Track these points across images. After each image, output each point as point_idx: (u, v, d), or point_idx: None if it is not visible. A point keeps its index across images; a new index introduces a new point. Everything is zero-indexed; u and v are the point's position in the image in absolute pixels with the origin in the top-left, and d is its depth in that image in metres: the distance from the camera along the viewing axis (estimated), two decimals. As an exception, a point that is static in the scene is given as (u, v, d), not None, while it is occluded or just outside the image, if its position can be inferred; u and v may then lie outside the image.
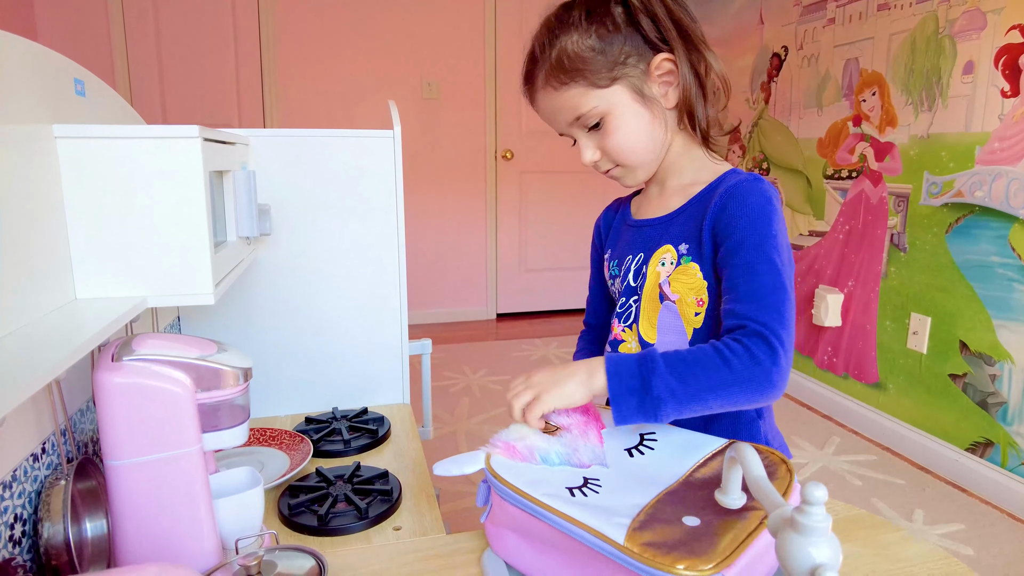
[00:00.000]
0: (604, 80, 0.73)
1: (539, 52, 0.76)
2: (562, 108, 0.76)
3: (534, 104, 0.79)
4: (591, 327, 0.96)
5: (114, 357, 0.64)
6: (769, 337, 0.65)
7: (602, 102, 0.74)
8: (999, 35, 1.83)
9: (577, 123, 0.76)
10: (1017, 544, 1.69)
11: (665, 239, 0.78)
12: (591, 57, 0.73)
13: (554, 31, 0.75)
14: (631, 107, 0.74)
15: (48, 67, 0.69)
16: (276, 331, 1.16)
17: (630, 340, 0.80)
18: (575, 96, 0.74)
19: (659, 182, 0.82)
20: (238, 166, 0.96)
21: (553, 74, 0.74)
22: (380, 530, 0.80)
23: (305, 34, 3.45)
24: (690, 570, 0.50)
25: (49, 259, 0.67)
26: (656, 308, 0.78)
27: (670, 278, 0.77)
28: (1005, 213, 1.83)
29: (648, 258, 0.79)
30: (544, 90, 0.76)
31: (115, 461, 0.62)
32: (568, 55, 0.73)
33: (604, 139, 0.76)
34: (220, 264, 0.79)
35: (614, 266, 0.85)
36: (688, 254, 0.76)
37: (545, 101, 0.77)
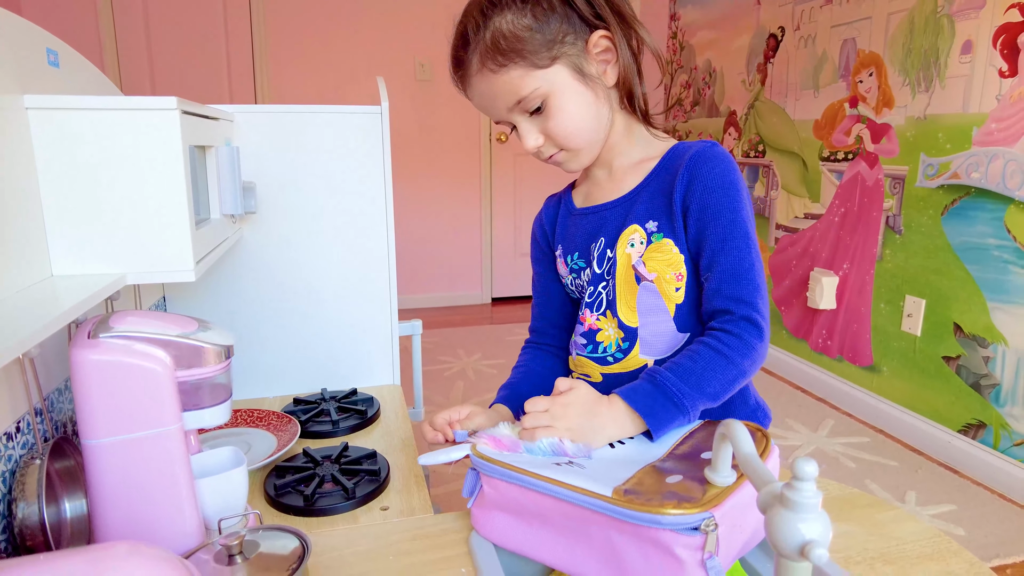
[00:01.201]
0: (544, 60, 0.70)
1: (471, 34, 0.71)
2: (501, 92, 0.72)
3: (468, 90, 0.75)
4: (539, 333, 0.91)
5: (91, 334, 0.62)
6: (754, 317, 0.70)
7: (544, 83, 0.71)
8: (998, 14, 1.81)
9: (518, 107, 0.72)
10: (1008, 524, 1.69)
11: (630, 219, 0.76)
12: (529, 36, 0.70)
13: (486, 11, 0.71)
14: (573, 87, 0.72)
15: (17, 35, 0.67)
16: (264, 311, 1.14)
17: (607, 327, 0.78)
18: (515, 78, 0.71)
19: (605, 165, 0.80)
20: (222, 142, 0.93)
21: (489, 56, 0.70)
22: (367, 510, 0.79)
23: (297, 13, 3.40)
24: (678, 509, 0.52)
25: (23, 235, 0.65)
26: (633, 290, 0.76)
27: (643, 257, 0.75)
28: (1001, 195, 1.82)
29: (613, 242, 0.77)
30: (480, 74, 0.72)
31: (92, 440, 0.60)
32: (504, 35, 0.70)
33: (547, 122, 0.73)
34: (201, 241, 0.77)
35: (574, 259, 0.82)
36: (659, 231, 0.74)
37: (481, 86, 0.73)
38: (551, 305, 0.89)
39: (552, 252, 0.87)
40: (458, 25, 0.74)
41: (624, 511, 0.54)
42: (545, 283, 0.89)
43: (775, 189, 2.77)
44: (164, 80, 3.30)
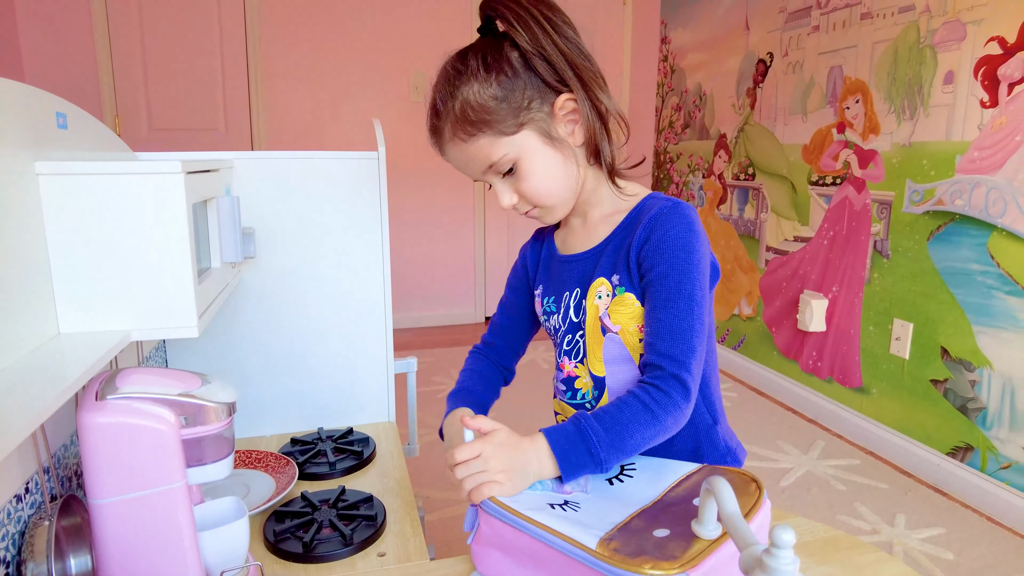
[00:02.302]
0: (511, 127, 0.73)
1: (441, 105, 0.75)
2: (473, 158, 0.75)
3: (444, 155, 0.79)
4: (489, 346, 0.94)
5: (98, 395, 0.64)
6: (684, 377, 0.72)
7: (512, 148, 0.74)
8: (978, 46, 1.86)
9: (490, 171, 0.75)
10: (996, 547, 1.72)
11: (598, 272, 0.79)
12: (495, 106, 0.73)
13: (453, 82, 0.74)
14: (541, 150, 0.75)
15: (30, 104, 0.69)
16: (261, 351, 1.16)
17: (583, 375, 0.81)
18: (484, 146, 0.74)
19: (580, 214, 0.83)
20: (222, 191, 0.96)
21: (459, 126, 0.73)
22: (365, 556, 0.81)
23: (292, 35, 3.44)
24: (656, 570, 0.53)
25: (32, 294, 0.67)
26: (600, 341, 0.79)
27: (609, 310, 0.78)
28: (984, 221, 1.86)
29: (585, 293, 0.80)
30: (452, 142, 0.75)
31: (99, 500, 0.62)
32: (472, 106, 0.73)
33: (519, 183, 0.76)
34: (204, 295, 0.79)
35: (550, 303, 0.85)
36: (621, 284, 0.77)
37: (454, 152, 0.76)
38: (512, 329, 0.94)
39: (531, 288, 0.91)
40: (431, 96, 0.77)
41: (605, 566, 0.55)
42: (516, 308, 0.93)
43: (765, 212, 2.81)
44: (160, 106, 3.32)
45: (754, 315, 2.91)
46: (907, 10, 2.08)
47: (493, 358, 0.94)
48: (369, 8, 3.50)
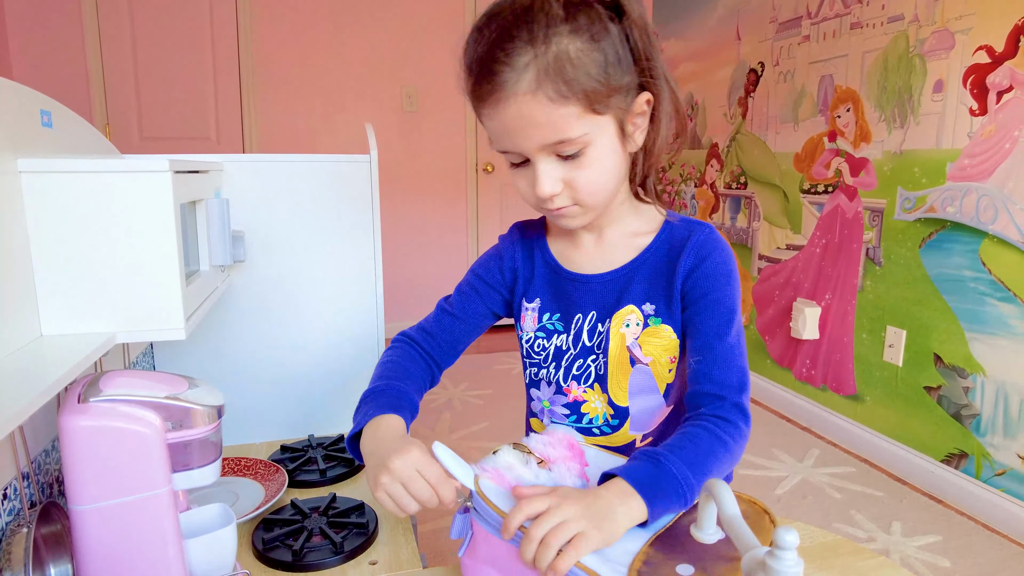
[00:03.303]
0: (602, 106, 0.63)
1: (525, 43, 0.60)
2: (542, 125, 0.62)
3: (490, 108, 0.63)
4: (427, 338, 0.83)
5: (80, 398, 0.62)
6: (743, 404, 0.71)
7: (593, 130, 0.64)
8: (967, 55, 1.87)
9: (553, 147, 0.64)
10: (993, 555, 1.71)
11: (626, 299, 0.75)
12: (598, 74, 0.61)
13: (544, 23, 0.60)
14: (613, 142, 0.66)
15: (12, 100, 0.68)
16: (251, 357, 1.14)
17: (594, 401, 0.77)
18: (569, 116, 0.62)
19: (596, 229, 0.77)
20: (211, 193, 0.94)
21: (550, 81, 0.60)
22: (356, 564, 0.79)
23: (283, 45, 3.43)
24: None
25: (13, 295, 0.65)
26: (626, 372, 0.75)
27: (639, 340, 0.74)
28: (975, 228, 1.86)
29: (606, 318, 0.75)
30: (530, 96, 0.60)
31: (80, 506, 0.60)
32: (572, 63, 0.60)
33: (576, 171, 0.65)
34: (191, 297, 0.77)
35: (553, 321, 0.78)
36: (657, 315, 0.73)
37: (523, 109, 0.61)
38: (462, 327, 0.83)
39: (507, 293, 0.83)
40: (500, 22, 0.61)
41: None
42: (476, 308, 0.83)
43: (757, 220, 2.82)
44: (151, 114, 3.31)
45: (747, 324, 2.91)
46: (896, 20, 2.09)
47: (427, 353, 0.83)
48: (362, 18, 3.50)
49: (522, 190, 0.70)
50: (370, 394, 0.74)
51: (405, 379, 0.76)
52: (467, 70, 0.65)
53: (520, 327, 0.82)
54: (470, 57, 0.64)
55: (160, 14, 3.24)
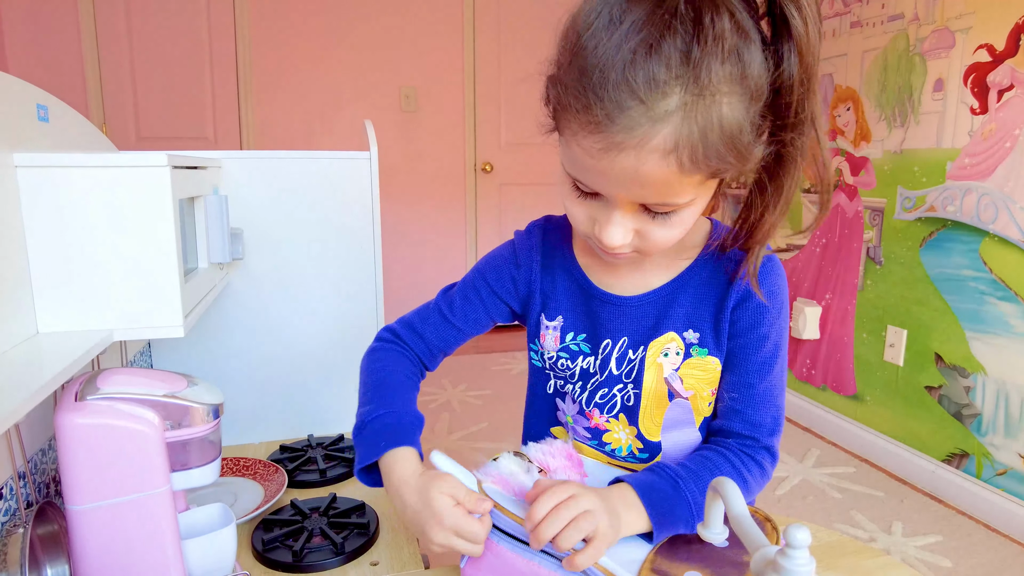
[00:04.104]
0: (726, 175, 0.53)
1: (676, 74, 0.45)
2: (660, 186, 0.50)
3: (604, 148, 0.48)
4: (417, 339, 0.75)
5: (78, 396, 0.61)
6: (774, 446, 0.67)
7: (700, 194, 0.54)
8: (967, 54, 1.87)
9: (647, 207, 0.54)
10: (994, 554, 1.71)
11: (666, 325, 0.66)
12: (741, 144, 0.49)
13: (707, 43, 0.45)
14: (706, 199, 0.56)
15: (7, 93, 0.67)
16: (250, 356, 1.13)
17: (618, 431, 0.70)
18: (689, 184, 0.50)
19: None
20: (209, 190, 0.93)
21: (689, 145, 0.47)
22: (357, 565, 0.78)
23: (282, 44, 3.42)
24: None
25: (9, 292, 0.64)
26: (663, 406, 0.68)
27: (679, 372, 0.66)
28: (976, 227, 1.86)
29: (640, 346, 0.67)
30: (660, 157, 0.48)
31: (77, 506, 0.59)
32: (722, 126, 0.47)
33: (655, 227, 0.55)
34: (190, 294, 0.76)
35: (578, 342, 0.70)
36: (701, 344, 0.66)
37: (645, 167, 0.48)
38: (455, 330, 0.75)
39: (517, 305, 0.74)
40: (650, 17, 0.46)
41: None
42: (476, 313, 0.74)
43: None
44: (148, 114, 3.29)
45: (747, 323, 2.90)
46: (896, 19, 2.09)
47: (415, 355, 0.75)
48: (360, 18, 3.49)
49: (578, 219, 0.58)
50: (375, 421, 0.66)
51: (403, 390, 0.70)
52: (577, 69, 0.48)
53: (538, 343, 0.73)
54: (590, 53, 0.47)
55: (157, 14, 3.23)
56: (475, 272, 0.76)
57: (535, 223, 0.75)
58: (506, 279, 0.74)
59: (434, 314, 0.76)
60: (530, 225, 0.75)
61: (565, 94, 0.50)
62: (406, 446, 0.64)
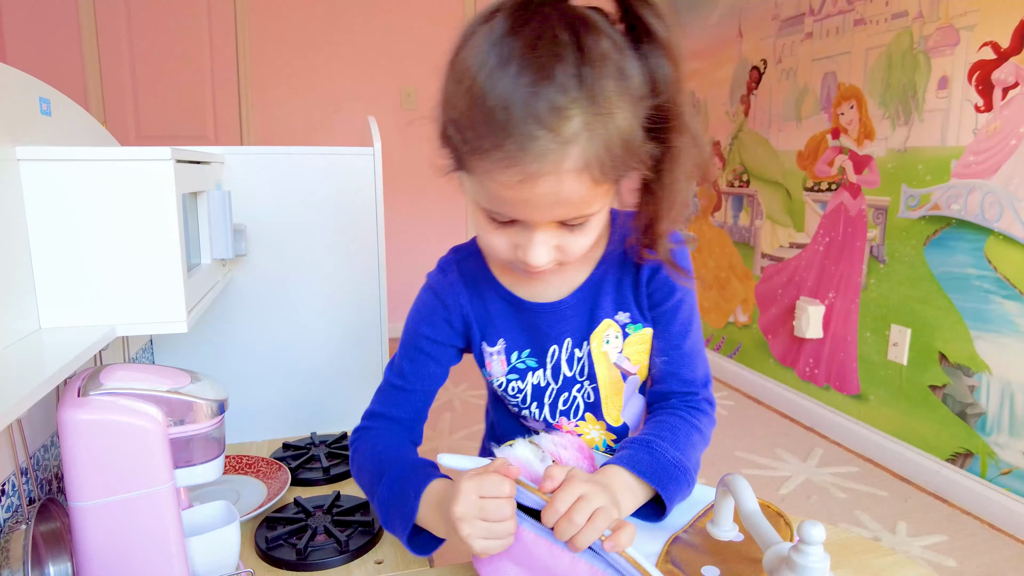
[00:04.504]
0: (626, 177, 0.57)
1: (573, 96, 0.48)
2: (578, 203, 0.53)
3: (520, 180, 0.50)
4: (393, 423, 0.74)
5: (80, 391, 0.61)
6: (711, 395, 0.73)
7: (605, 200, 0.57)
8: (972, 51, 1.86)
9: (566, 223, 0.56)
10: (998, 554, 1.70)
11: (599, 315, 0.70)
12: (639, 150, 0.54)
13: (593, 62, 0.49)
14: (610, 201, 0.59)
15: (10, 86, 0.66)
16: (252, 353, 1.13)
17: (590, 431, 0.74)
18: (599, 195, 0.54)
19: None
20: (212, 185, 0.93)
21: (599, 159, 0.50)
22: (361, 563, 0.78)
23: (282, 43, 3.42)
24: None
25: (11, 287, 0.63)
26: (619, 389, 0.73)
27: (624, 352, 0.71)
28: (980, 226, 1.85)
29: (582, 342, 0.71)
30: (575, 176, 0.50)
31: (80, 503, 0.59)
32: (625, 140, 0.51)
33: (572, 238, 0.58)
34: (193, 290, 0.76)
35: (524, 359, 0.72)
36: (633, 321, 0.71)
37: (565, 188, 0.51)
38: (424, 397, 0.74)
39: (461, 342, 0.74)
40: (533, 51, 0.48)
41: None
42: (427, 370, 0.73)
43: (759, 218, 2.81)
44: (148, 114, 3.29)
45: (749, 323, 2.90)
46: (900, 16, 2.08)
47: (403, 435, 0.74)
48: (360, 18, 3.49)
49: (498, 248, 0.59)
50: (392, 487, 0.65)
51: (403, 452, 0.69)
52: (481, 111, 0.49)
53: (487, 372, 0.75)
54: (490, 94, 0.49)
55: (157, 13, 3.22)
56: (408, 333, 0.75)
57: (445, 259, 0.76)
58: (440, 324, 0.73)
59: (390, 392, 0.75)
60: (441, 263, 0.76)
61: (472, 136, 0.51)
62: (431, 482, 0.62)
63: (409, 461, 0.67)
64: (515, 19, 0.51)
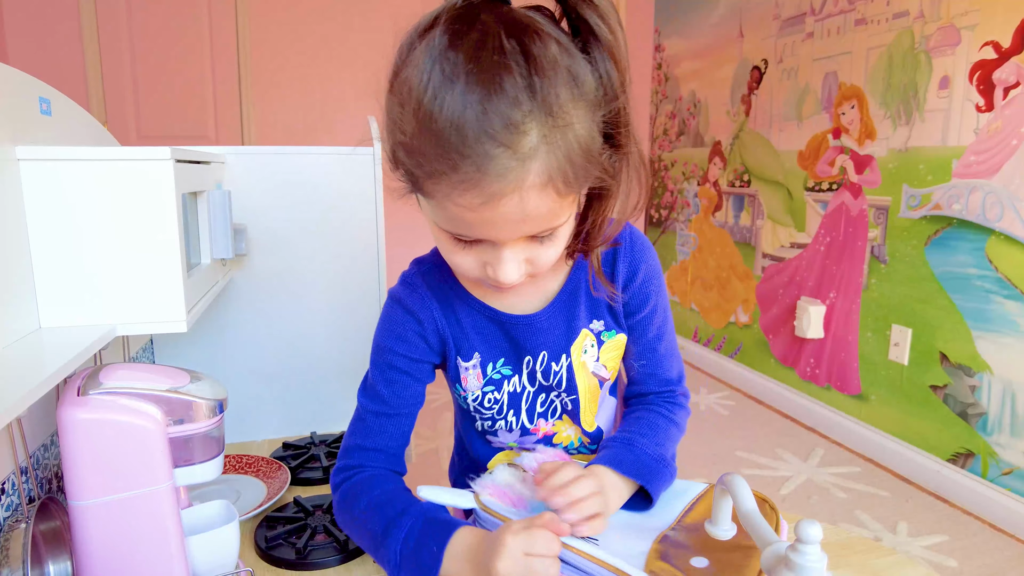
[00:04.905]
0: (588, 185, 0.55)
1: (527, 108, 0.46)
2: (545, 217, 0.51)
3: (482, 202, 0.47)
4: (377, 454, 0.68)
5: (80, 390, 0.61)
6: (687, 391, 0.76)
7: (572, 209, 0.56)
8: (973, 51, 1.86)
9: (535, 236, 0.54)
10: (999, 554, 1.70)
11: (576, 327, 0.69)
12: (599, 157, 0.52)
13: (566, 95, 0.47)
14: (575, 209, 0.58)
15: (9, 86, 0.66)
16: (252, 353, 1.13)
17: (565, 430, 0.75)
18: (565, 205, 0.52)
19: None
20: (212, 185, 0.93)
21: (561, 171, 0.48)
22: (361, 563, 0.78)
23: (282, 45, 3.42)
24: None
25: (11, 286, 0.63)
26: (596, 396, 0.74)
27: (601, 360, 0.72)
28: (982, 226, 1.85)
29: (560, 355, 0.69)
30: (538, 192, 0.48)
31: (80, 502, 0.59)
32: (583, 148, 0.49)
33: (540, 250, 0.56)
34: (193, 289, 0.76)
35: (499, 368, 0.70)
36: (607, 328, 0.71)
37: (529, 204, 0.49)
38: (402, 423, 0.69)
39: (437, 358, 0.70)
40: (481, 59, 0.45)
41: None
42: (407, 390, 0.68)
43: (760, 218, 2.81)
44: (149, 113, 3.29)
45: (750, 323, 2.89)
46: (901, 16, 2.08)
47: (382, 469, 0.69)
48: (361, 18, 3.49)
49: (466, 267, 0.57)
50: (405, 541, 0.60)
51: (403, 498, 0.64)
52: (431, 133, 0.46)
53: (460, 387, 0.71)
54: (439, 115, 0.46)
55: (158, 14, 3.22)
56: (380, 353, 0.70)
57: (409, 273, 0.71)
58: (415, 341, 0.68)
59: (371, 420, 0.69)
60: (405, 276, 0.71)
61: (425, 160, 0.48)
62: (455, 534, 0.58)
63: (419, 510, 0.62)
64: (454, 30, 0.48)
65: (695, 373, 3.17)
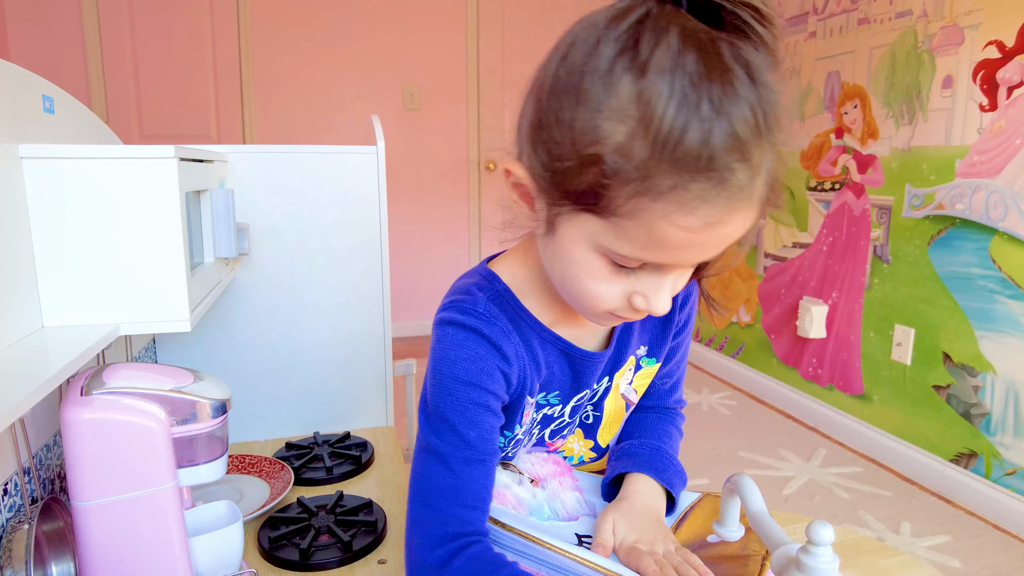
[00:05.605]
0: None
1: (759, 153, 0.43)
2: (732, 241, 0.48)
3: (707, 220, 0.44)
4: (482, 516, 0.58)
5: (83, 390, 0.60)
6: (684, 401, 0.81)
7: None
8: (976, 50, 1.85)
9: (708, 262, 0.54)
10: (1003, 555, 1.69)
11: (625, 355, 0.68)
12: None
13: (777, 124, 0.44)
14: None
15: (12, 84, 0.66)
16: (255, 352, 1.12)
17: (574, 443, 0.74)
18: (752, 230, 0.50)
19: None
20: (215, 184, 0.93)
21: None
22: (365, 563, 0.77)
23: (284, 44, 3.42)
24: None
25: (14, 285, 0.63)
26: (621, 417, 0.75)
27: (633, 384, 0.73)
28: (985, 225, 1.85)
29: (607, 377, 0.69)
30: (756, 210, 0.46)
31: (83, 502, 0.58)
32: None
33: (685, 277, 0.52)
34: (196, 288, 0.75)
35: (549, 397, 0.66)
36: (648, 355, 0.72)
37: (746, 224, 0.46)
38: (492, 466, 0.60)
39: (508, 398, 0.61)
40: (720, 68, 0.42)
41: None
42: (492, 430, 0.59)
43: (763, 218, 2.80)
44: (151, 113, 3.29)
45: (752, 323, 2.89)
46: (904, 15, 2.08)
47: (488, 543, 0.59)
48: (362, 17, 3.48)
49: (608, 297, 0.51)
50: None
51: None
52: (653, 149, 0.42)
53: (518, 425, 0.65)
54: (667, 130, 0.41)
55: (160, 12, 3.22)
56: (460, 389, 0.57)
57: (478, 301, 0.59)
58: (498, 377, 0.58)
59: (459, 466, 0.57)
60: (476, 303, 0.59)
61: (650, 178, 0.42)
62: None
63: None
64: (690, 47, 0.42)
65: (697, 373, 3.16)
